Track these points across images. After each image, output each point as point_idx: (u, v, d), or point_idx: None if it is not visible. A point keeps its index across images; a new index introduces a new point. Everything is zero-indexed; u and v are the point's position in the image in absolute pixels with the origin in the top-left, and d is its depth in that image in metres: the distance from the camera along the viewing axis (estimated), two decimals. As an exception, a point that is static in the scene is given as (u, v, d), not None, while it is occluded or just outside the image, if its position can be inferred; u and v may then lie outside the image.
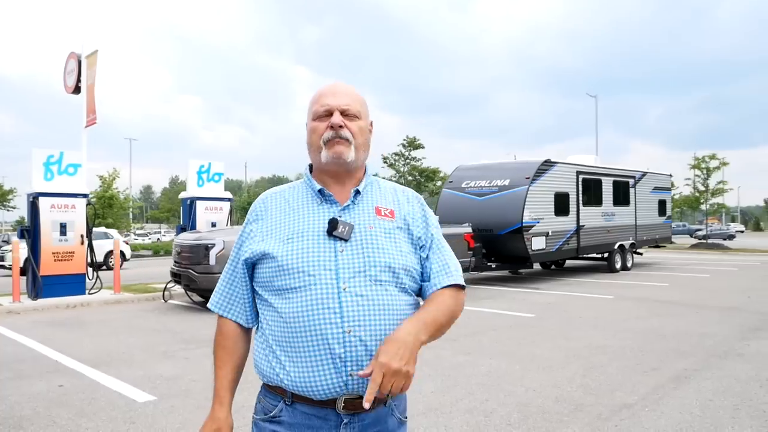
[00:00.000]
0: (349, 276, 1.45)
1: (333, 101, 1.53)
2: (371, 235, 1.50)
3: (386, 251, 1.49)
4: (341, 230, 1.48)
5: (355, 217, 1.52)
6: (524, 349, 6.39)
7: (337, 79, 1.55)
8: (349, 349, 1.41)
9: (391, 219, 1.56)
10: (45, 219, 10.63)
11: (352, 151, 1.53)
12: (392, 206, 1.59)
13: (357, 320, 1.42)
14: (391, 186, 1.68)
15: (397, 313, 1.48)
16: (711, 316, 8.52)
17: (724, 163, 28.08)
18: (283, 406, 1.48)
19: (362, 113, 1.57)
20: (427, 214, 1.65)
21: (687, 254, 24.70)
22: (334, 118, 1.51)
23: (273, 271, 1.48)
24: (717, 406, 4.43)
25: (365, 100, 1.62)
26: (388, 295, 1.47)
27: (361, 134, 1.56)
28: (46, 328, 8.09)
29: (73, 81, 12.53)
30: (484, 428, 4.01)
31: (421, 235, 1.59)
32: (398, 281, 1.49)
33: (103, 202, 25.58)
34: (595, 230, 15.43)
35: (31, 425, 4.17)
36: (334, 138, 1.51)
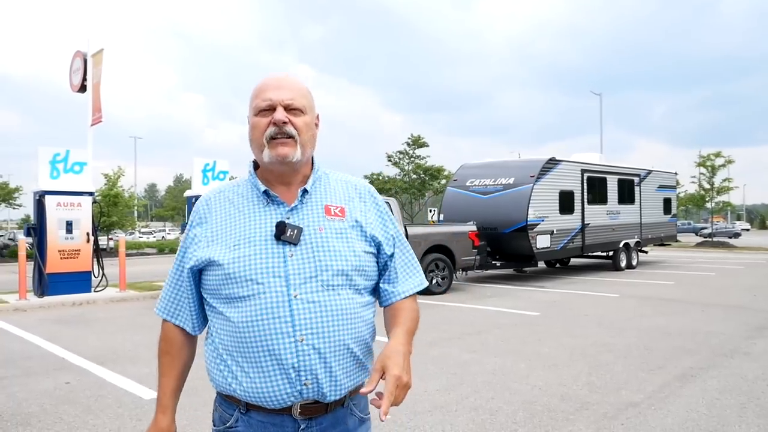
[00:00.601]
0: (300, 282, 1.38)
1: (275, 95, 1.44)
2: (321, 238, 1.43)
3: (338, 254, 1.43)
4: (289, 234, 1.40)
5: (304, 218, 1.45)
6: (529, 348, 6.38)
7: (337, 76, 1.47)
8: (303, 358, 1.37)
9: (342, 218, 1.48)
10: (51, 217, 10.67)
11: (297, 150, 1.44)
12: (343, 203, 1.51)
13: (310, 328, 1.37)
14: (343, 180, 1.58)
15: (351, 317, 1.43)
16: (717, 315, 8.49)
17: (729, 161, 27.97)
18: (239, 415, 1.44)
19: (307, 107, 1.48)
20: (382, 210, 1.57)
21: (692, 252, 24.62)
22: (277, 114, 1.42)
23: (220, 279, 1.41)
24: (724, 404, 4.42)
25: (309, 91, 1.52)
26: (342, 300, 1.42)
27: (307, 130, 1.47)
28: (53, 326, 8.13)
29: (79, 79, 12.57)
30: (489, 426, 4.01)
31: (377, 234, 1.52)
32: (351, 283, 1.44)
33: (108, 201, 25.65)
34: (600, 228, 15.39)
35: (38, 422, 4.20)
36: (278, 135, 1.42)
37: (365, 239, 1.49)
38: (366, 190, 1.59)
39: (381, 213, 1.57)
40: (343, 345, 1.41)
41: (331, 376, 1.40)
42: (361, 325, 1.46)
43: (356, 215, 1.50)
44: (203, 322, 1.56)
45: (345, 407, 1.47)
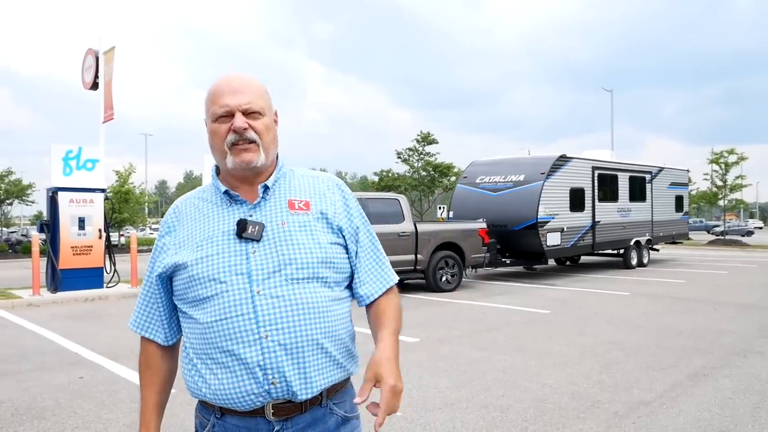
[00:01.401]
0: (262, 278, 1.36)
1: (232, 101, 1.40)
2: (284, 232, 1.40)
3: (302, 246, 1.39)
4: (251, 231, 1.38)
5: (267, 214, 1.42)
6: (540, 345, 6.37)
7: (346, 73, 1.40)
8: (268, 356, 1.33)
9: (306, 211, 1.45)
10: (64, 213, 10.77)
11: (260, 154, 1.42)
12: (308, 197, 1.48)
13: (274, 323, 1.34)
14: (309, 174, 1.56)
15: (320, 312, 1.39)
16: (729, 314, 8.43)
17: (742, 158, 27.73)
18: (215, 420, 1.42)
19: (265, 108, 1.44)
20: (349, 202, 1.53)
21: (704, 251, 24.43)
22: (236, 122, 1.39)
23: (185, 282, 1.41)
24: (737, 404, 4.39)
25: (266, 89, 1.49)
26: (308, 293, 1.38)
27: (268, 132, 1.44)
28: (66, 321, 8.21)
29: (91, 77, 12.66)
30: (500, 424, 4.01)
31: (344, 226, 1.49)
32: (319, 277, 1.40)
33: (119, 197, 25.84)
34: (611, 226, 15.30)
35: (53, 416, 4.25)
36: (239, 142, 1.40)
37: (332, 231, 1.46)
38: (333, 182, 1.55)
39: (347, 204, 1.53)
40: (311, 340, 1.36)
41: (301, 373, 1.35)
42: (332, 320, 1.41)
43: (322, 207, 1.47)
44: (177, 331, 1.54)
45: (323, 406, 1.42)
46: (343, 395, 1.48)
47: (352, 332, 1.51)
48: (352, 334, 1.52)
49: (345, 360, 1.46)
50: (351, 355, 1.49)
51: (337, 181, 1.56)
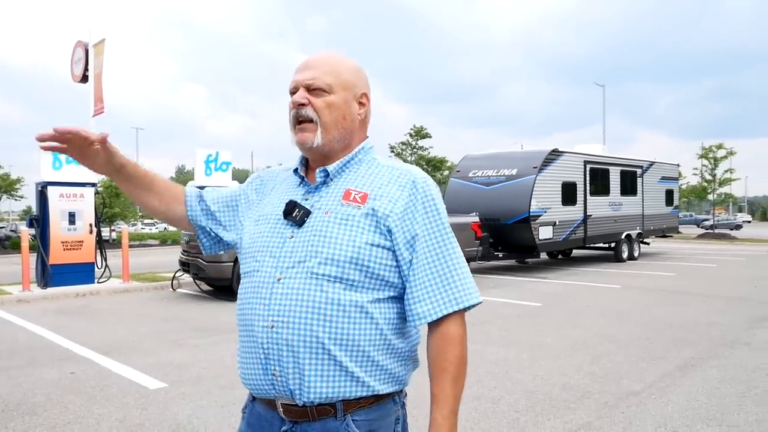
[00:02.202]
0: (287, 266, 1.30)
1: (299, 76, 1.36)
2: (323, 222, 1.31)
3: (333, 241, 1.28)
4: (295, 215, 1.33)
5: (320, 200, 1.35)
6: (532, 338, 6.42)
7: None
8: (271, 346, 1.29)
9: (359, 205, 1.31)
10: (54, 208, 10.69)
11: (317, 134, 1.34)
12: (369, 189, 1.34)
13: (282, 315, 1.28)
14: (388, 165, 1.41)
15: (333, 314, 1.27)
16: (718, 306, 8.52)
17: (731, 153, 27.91)
18: (249, 404, 1.44)
19: (335, 85, 1.35)
20: (417, 204, 1.33)
21: (694, 244, 24.62)
22: (295, 96, 1.35)
23: (240, 253, 1.45)
24: (723, 393, 4.45)
25: (350, 68, 1.39)
26: (324, 292, 1.27)
27: (330, 111, 1.34)
28: (57, 317, 8.17)
29: (81, 70, 12.54)
30: (491, 415, 4.05)
31: (395, 229, 1.30)
32: (343, 277, 1.27)
33: (110, 192, 25.69)
34: (603, 220, 15.39)
35: (44, 411, 4.24)
36: (297, 118, 1.36)
37: (378, 231, 1.30)
38: (408, 178, 1.36)
39: (414, 206, 1.33)
40: (316, 343, 1.27)
41: (299, 374, 1.27)
42: (349, 325, 1.28)
43: (377, 203, 1.31)
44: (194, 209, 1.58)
45: (338, 420, 1.30)
46: (369, 413, 1.32)
47: (395, 347, 1.34)
48: (397, 350, 1.35)
49: (368, 375, 1.30)
50: (381, 372, 1.32)
51: (415, 178, 1.36)
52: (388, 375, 1.34)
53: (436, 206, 1.35)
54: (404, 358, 1.38)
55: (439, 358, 1.32)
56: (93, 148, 1.40)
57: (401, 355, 1.37)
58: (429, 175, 7.03)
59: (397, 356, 1.36)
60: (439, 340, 1.33)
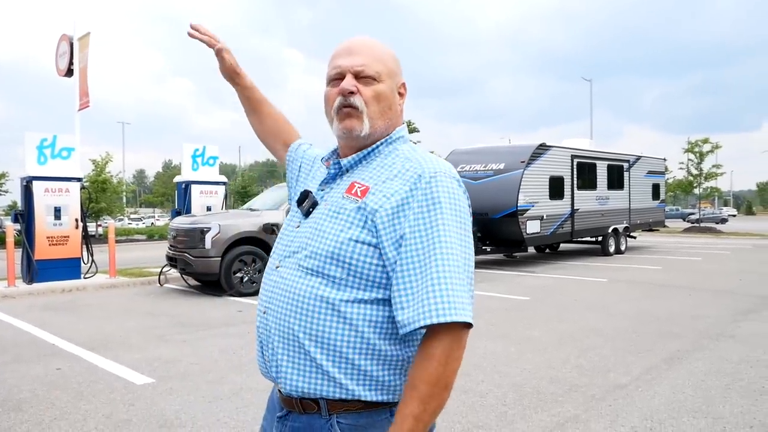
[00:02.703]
0: (286, 255, 1.35)
1: (346, 62, 1.32)
2: (320, 214, 1.33)
3: (321, 234, 1.28)
4: (304, 205, 1.38)
5: (330, 192, 1.37)
6: (519, 332, 6.45)
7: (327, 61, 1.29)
8: (263, 331, 1.35)
9: (357, 199, 1.27)
10: (39, 203, 10.57)
11: (364, 123, 1.31)
12: (374, 183, 1.29)
13: (271, 303, 1.33)
14: (403, 157, 1.32)
15: (307, 308, 1.25)
16: (704, 299, 8.61)
17: (717, 147, 28.16)
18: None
19: (383, 74, 1.32)
20: (413, 202, 1.21)
21: (680, 238, 24.86)
22: (344, 83, 1.31)
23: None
24: (709, 386, 4.50)
25: (393, 56, 1.37)
26: (306, 286, 1.26)
27: (378, 101, 1.31)
28: (42, 312, 8.09)
29: (65, 64, 12.41)
30: (479, 408, 4.06)
31: (381, 225, 1.22)
32: (324, 272, 1.24)
33: (96, 187, 25.43)
34: (590, 214, 15.49)
35: (30, 407, 4.20)
36: (343, 106, 1.31)
37: (365, 227, 1.23)
38: (416, 172, 1.26)
39: (409, 202, 1.22)
40: (291, 334, 1.27)
41: (277, 361, 1.31)
42: (323, 324, 1.24)
43: (371, 198, 1.25)
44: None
45: (324, 419, 1.27)
46: (357, 419, 1.26)
47: (385, 356, 1.25)
48: (387, 359, 1.26)
49: (346, 377, 1.24)
50: (365, 378, 1.25)
51: (422, 172, 1.25)
52: (375, 382, 1.25)
53: (436, 204, 1.21)
54: (400, 368, 1.27)
55: (412, 374, 1.18)
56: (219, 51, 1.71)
57: (394, 363, 1.26)
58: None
59: (389, 364, 1.26)
60: (418, 355, 1.19)
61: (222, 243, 9.15)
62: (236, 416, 3.96)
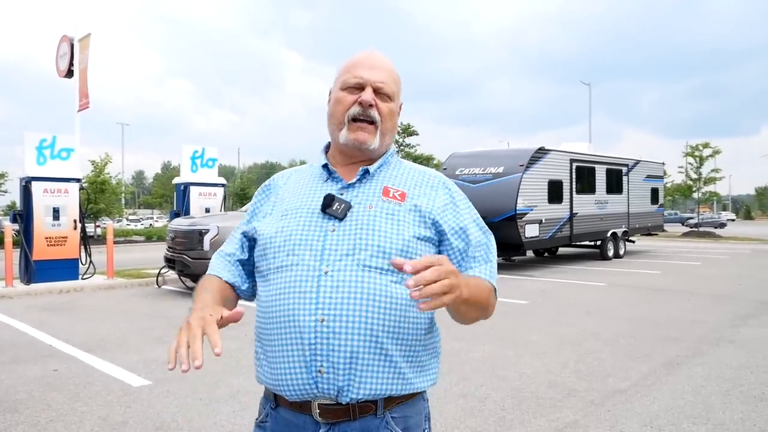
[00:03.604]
0: (334, 258, 1.28)
1: (368, 74, 1.35)
2: (369, 216, 1.31)
3: (383, 234, 1.29)
4: (335, 208, 1.32)
5: (358, 196, 1.35)
6: (518, 336, 6.43)
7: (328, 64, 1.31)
8: (320, 341, 1.24)
9: (400, 202, 1.35)
10: (38, 203, 10.55)
11: (377, 137, 1.37)
12: (406, 188, 1.38)
13: (334, 309, 1.25)
14: (415, 168, 1.47)
15: (387, 307, 1.27)
16: (703, 303, 8.60)
17: (717, 152, 28.19)
18: (270, 410, 1.38)
19: (395, 94, 1.41)
20: (456, 199, 1.42)
21: (679, 242, 24.86)
22: (365, 95, 1.34)
23: (262, 249, 1.37)
24: (708, 391, 4.49)
25: (400, 78, 1.45)
26: (377, 284, 1.27)
27: (390, 118, 1.39)
28: (40, 313, 8.07)
29: (66, 65, 12.40)
30: (478, 413, 4.05)
31: (441, 221, 1.36)
32: (394, 269, 1.26)
33: (95, 188, 25.40)
34: (588, 218, 15.49)
35: (26, 409, 4.18)
36: (360, 117, 1.35)
37: (423, 225, 1.34)
38: (438, 179, 1.44)
39: (454, 201, 1.41)
40: (370, 335, 1.25)
41: (351, 368, 1.25)
42: (399, 319, 1.28)
43: (418, 201, 1.36)
44: (246, 280, 1.48)
45: (378, 417, 1.29)
46: (405, 409, 1.33)
47: (429, 343, 1.37)
48: (430, 346, 1.38)
49: (411, 371, 1.32)
50: (420, 368, 1.34)
51: (443, 179, 1.46)
52: (425, 370, 1.36)
53: (470, 204, 1.46)
54: (436, 353, 1.41)
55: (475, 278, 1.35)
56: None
57: (434, 349, 1.40)
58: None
59: (431, 351, 1.39)
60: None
61: (220, 245, 9.13)
62: (233, 419, 3.94)
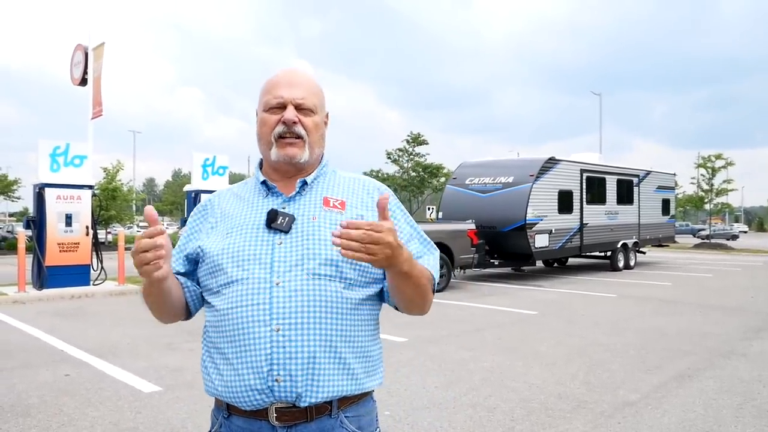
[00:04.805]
0: (284, 270, 1.32)
1: (287, 93, 1.40)
2: (314, 227, 1.37)
3: (328, 243, 1.33)
4: (280, 222, 1.36)
5: (300, 208, 1.40)
6: (527, 346, 6.41)
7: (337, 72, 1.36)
8: (277, 350, 1.28)
9: (341, 211, 1.41)
10: (51, 210, 10.67)
11: (305, 151, 1.41)
12: (344, 197, 1.45)
13: (288, 317, 1.29)
14: (351, 177, 1.53)
15: (339, 312, 1.33)
16: (714, 316, 8.53)
17: (729, 163, 28.02)
18: (222, 420, 1.39)
19: (318, 106, 1.45)
20: (392, 206, 1.46)
21: (690, 254, 24.67)
22: (287, 114, 1.39)
23: (210, 267, 1.40)
24: (720, 405, 4.45)
25: (321, 89, 1.49)
26: (328, 291, 1.32)
27: (316, 130, 1.44)
28: (52, 318, 8.14)
29: (80, 73, 12.56)
30: (487, 423, 4.04)
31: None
32: (342, 276, 1.35)
33: (106, 194, 25.64)
34: (599, 228, 15.42)
35: (38, 413, 4.21)
36: (286, 134, 1.40)
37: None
38: (374, 186, 1.51)
39: (390, 209, 1.43)
40: (326, 340, 1.31)
41: (308, 373, 1.29)
42: (351, 324, 1.36)
43: (359, 210, 1.43)
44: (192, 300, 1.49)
45: (333, 417, 1.35)
46: (358, 409, 1.40)
47: (375, 341, 1.44)
48: (376, 344, 1.45)
49: (362, 372, 1.38)
50: (371, 368, 1.41)
51: (378, 185, 1.52)
52: (374, 371, 1.43)
53: (403, 208, 1.55)
54: (381, 357, 1.47)
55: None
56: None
57: (380, 352, 1.47)
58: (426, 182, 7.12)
59: (378, 353, 1.45)
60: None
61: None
62: (243, 426, 3.95)
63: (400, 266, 1.26)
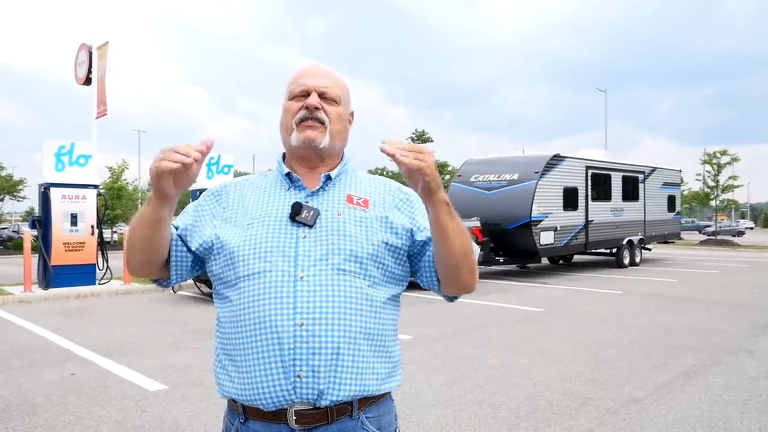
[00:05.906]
0: (309, 264, 1.31)
1: (311, 81, 1.42)
2: (338, 222, 1.36)
3: (353, 239, 1.34)
4: (305, 215, 1.35)
5: (324, 203, 1.39)
6: (532, 343, 6.40)
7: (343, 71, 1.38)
8: (300, 345, 1.26)
9: (364, 209, 1.40)
10: (56, 209, 10.71)
11: (326, 136, 1.39)
12: (367, 195, 1.44)
13: (312, 312, 1.27)
14: (371, 177, 1.53)
15: (362, 309, 1.32)
16: (720, 313, 8.49)
17: (735, 159, 27.89)
18: (239, 425, 1.35)
19: (342, 99, 1.45)
20: (414, 203, 1.46)
21: (696, 250, 24.58)
22: (310, 99, 1.39)
23: (228, 258, 1.36)
24: (726, 401, 4.43)
25: (347, 86, 1.50)
26: (353, 288, 1.32)
27: (339, 120, 1.43)
28: (58, 317, 8.17)
29: (84, 72, 12.60)
30: (492, 420, 4.03)
31: (407, 223, 1.42)
32: (366, 273, 1.34)
33: (112, 194, 25.72)
34: (604, 225, 15.37)
35: (44, 412, 4.23)
36: (307, 119, 1.38)
37: (391, 231, 1.39)
38: (395, 186, 1.50)
39: (412, 205, 1.46)
40: (349, 337, 1.29)
41: (331, 370, 1.27)
42: (374, 322, 1.34)
43: (381, 209, 1.42)
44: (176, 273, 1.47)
45: (354, 418, 1.32)
46: (378, 409, 1.37)
47: (395, 342, 1.43)
48: (396, 345, 1.43)
49: (384, 370, 1.36)
50: (391, 367, 1.40)
51: (399, 186, 1.51)
52: (395, 371, 1.41)
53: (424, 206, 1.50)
54: (399, 358, 1.45)
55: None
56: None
57: (399, 353, 1.45)
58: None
59: (399, 353, 1.44)
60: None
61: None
62: (248, 424, 3.96)
63: (442, 195, 1.27)
